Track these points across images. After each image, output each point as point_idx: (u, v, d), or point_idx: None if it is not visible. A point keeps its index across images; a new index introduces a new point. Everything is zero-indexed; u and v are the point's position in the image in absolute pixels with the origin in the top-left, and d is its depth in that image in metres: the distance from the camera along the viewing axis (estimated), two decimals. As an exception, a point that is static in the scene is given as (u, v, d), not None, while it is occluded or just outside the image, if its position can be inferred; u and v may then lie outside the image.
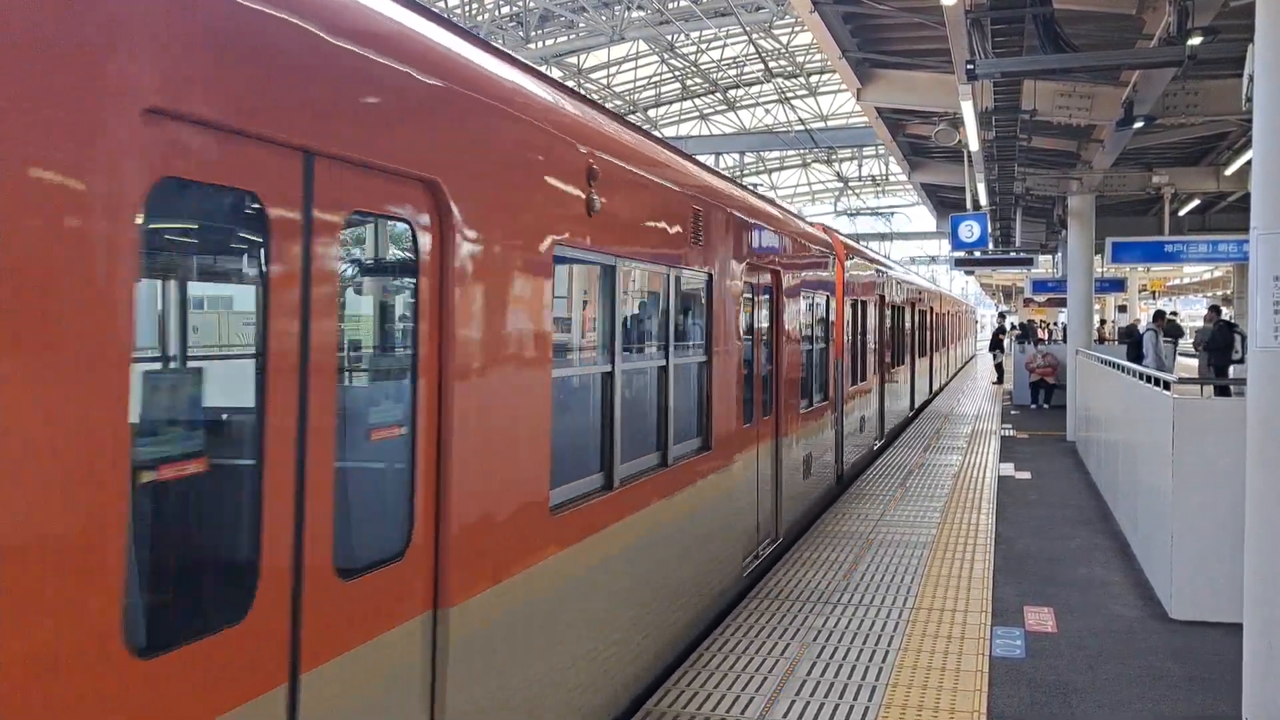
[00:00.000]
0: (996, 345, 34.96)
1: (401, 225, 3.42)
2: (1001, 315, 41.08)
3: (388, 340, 3.93)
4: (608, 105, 31.20)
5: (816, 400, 10.74)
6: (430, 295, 3.46)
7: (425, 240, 3.44)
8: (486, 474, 3.77)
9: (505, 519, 3.94)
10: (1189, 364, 23.98)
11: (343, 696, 2.99)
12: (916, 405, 21.96)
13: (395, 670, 3.26)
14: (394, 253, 3.66)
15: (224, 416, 3.15)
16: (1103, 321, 29.32)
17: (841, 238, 13.35)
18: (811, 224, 11.57)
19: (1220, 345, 18.36)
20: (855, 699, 5.65)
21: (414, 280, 3.43)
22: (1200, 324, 21.86)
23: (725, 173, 10.88)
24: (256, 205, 2.71)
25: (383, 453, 3.48)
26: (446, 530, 3.51)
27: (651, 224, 5.65)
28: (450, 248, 3.52)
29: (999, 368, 33.51)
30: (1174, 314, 36.35)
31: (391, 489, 3.43)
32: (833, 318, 11.71)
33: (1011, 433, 18.77)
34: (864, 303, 14.27)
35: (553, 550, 4.34)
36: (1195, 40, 8.00)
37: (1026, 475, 13.75)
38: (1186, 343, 27.99)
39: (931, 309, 25.72)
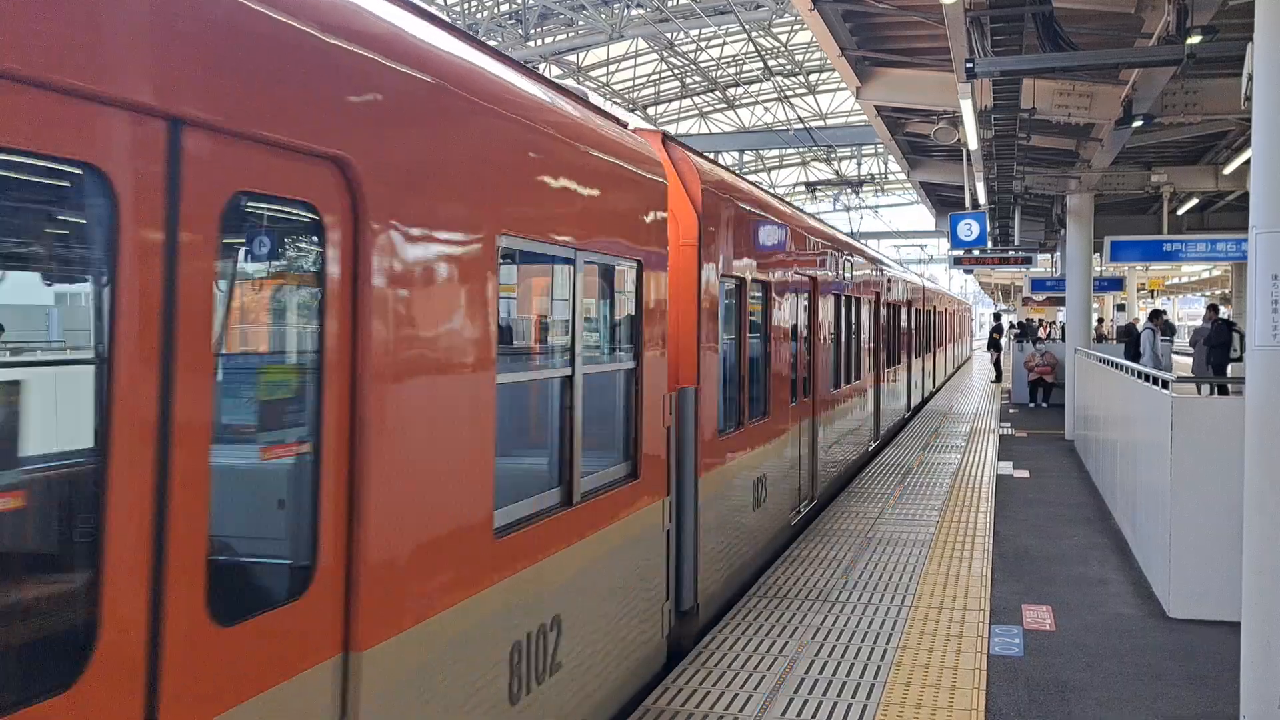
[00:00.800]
0: (994, 344, 35.04)
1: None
2: (997, 315, 41.02)
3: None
4: (607, 104, 31.18)
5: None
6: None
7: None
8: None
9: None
10: (1183, 361, 24.03)
11: None
12: (880, 438, 16.45)
13: None
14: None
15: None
16: (1100, 320, 29.29)
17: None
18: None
19: (1218, 344, 18.37)
20: (854, 697, 5.65)
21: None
22: (1199, 323, 21.85)
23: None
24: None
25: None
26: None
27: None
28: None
29: (997, 365, 33.56)
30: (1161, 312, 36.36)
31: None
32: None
33: (1010, 431, 18.77)
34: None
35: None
36: (1195, 39, 8.00)
37: (1025, 474, 13.76)
38: (1181, 341, 28.03)
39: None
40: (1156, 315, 20.11)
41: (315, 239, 2.94)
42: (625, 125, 5.79)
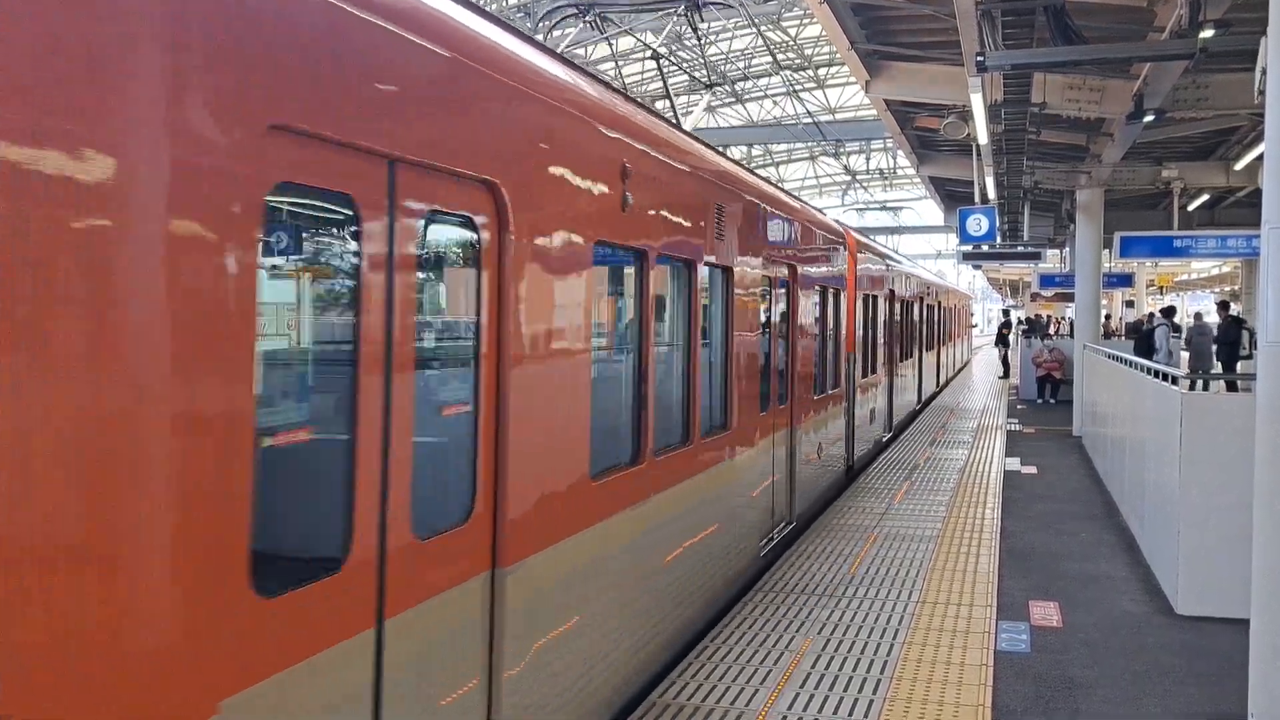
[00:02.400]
0: (1002, 340, 34.96)
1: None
2: (1006, 311, 40.91)
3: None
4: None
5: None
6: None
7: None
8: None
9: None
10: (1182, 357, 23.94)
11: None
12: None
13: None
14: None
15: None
16: (1107, 317, 29.10)
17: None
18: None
19: (1228, 341, 18.32)
20: (860, 692, 5.64)
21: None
22: (1192, 320, 21.76)
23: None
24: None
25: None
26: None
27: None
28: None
29: (1005, 361, 33.46)
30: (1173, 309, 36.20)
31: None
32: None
33: (1018, 427, 18.73)
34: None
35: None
36: (1207, 33, 7.95)
37: (1033, 470, 13.72)
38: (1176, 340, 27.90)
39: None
40: (1170, 312, 20.06)
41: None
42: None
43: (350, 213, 3.08)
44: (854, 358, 12.46)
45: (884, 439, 15.70)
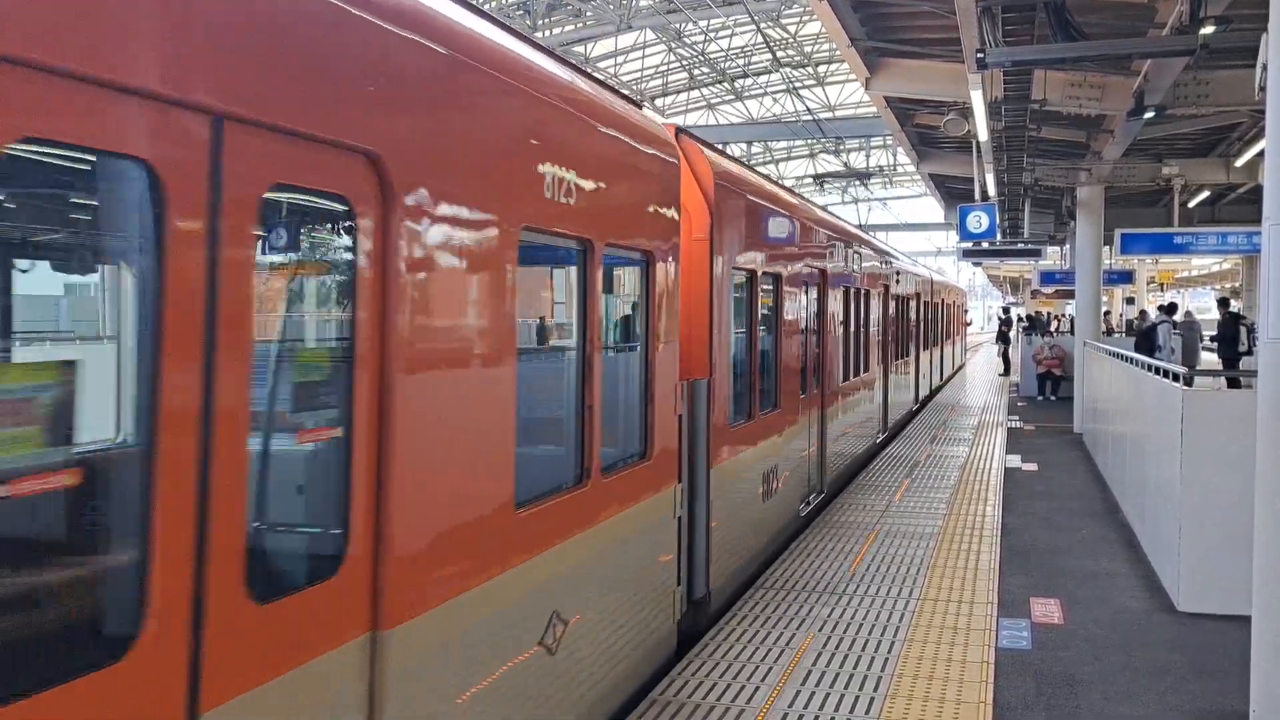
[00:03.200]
0: (1002, 337, 34.99)
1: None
2: (1005, 309, 40.88)
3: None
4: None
5: None
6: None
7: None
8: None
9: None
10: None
11: None
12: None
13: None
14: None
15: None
16: (1107, 313, 28.99)
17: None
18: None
19: (1227, 338, 18.32)
20: (861, 689, 5.64)
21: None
22: (1183, 317, 21.71)
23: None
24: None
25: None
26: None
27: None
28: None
29: (1005, 358, 33.45)
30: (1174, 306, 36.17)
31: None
32: None
33: (1018, 424, 18.73)
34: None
35: None
36: (1208, 29, 7.94)
37: (1033, 467, 13.72)
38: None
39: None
40: (1171, 309, 20.06)
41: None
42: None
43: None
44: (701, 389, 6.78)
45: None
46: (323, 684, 2.85)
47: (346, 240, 3.08)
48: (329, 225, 3.29)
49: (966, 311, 47.14)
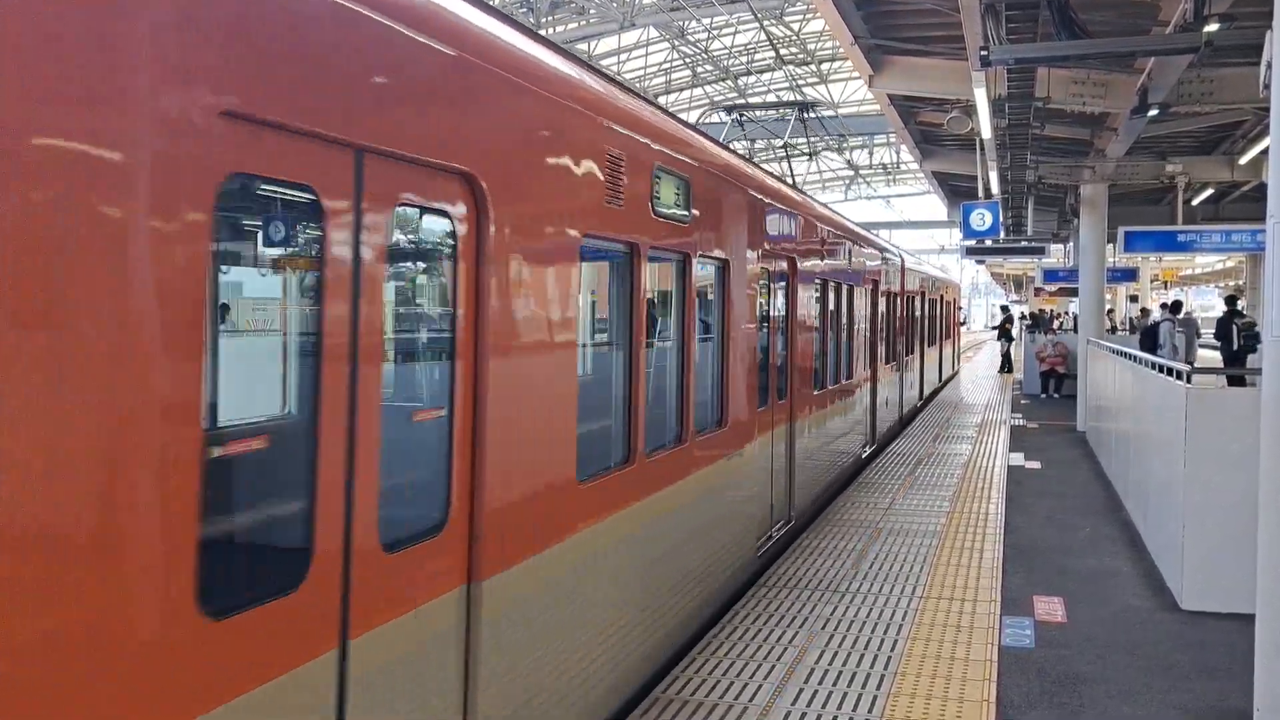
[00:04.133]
0: (1004, 334, 34.97)
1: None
2: (1004, 308, 40.76)
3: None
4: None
5: None
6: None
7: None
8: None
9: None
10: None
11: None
12: None
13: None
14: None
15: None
16: (1110, 310, 28.84)
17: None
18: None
19: (1222, 335, 18.29)
20: (864, 688, 5.64)
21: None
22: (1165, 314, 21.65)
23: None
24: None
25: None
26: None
27: None
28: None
29: (1006, 356, 33.37)
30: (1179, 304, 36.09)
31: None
32: None
33: (1021, 422, 18.71)
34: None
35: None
36: (1212, 27, 7.93)
37: (1036, 465, 13.71)
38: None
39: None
40: (1176, 307, 20.04)
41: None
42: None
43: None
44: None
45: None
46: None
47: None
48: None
49: (962, 309, 43.68)
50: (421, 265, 4.05)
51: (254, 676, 2.64)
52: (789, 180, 10.25)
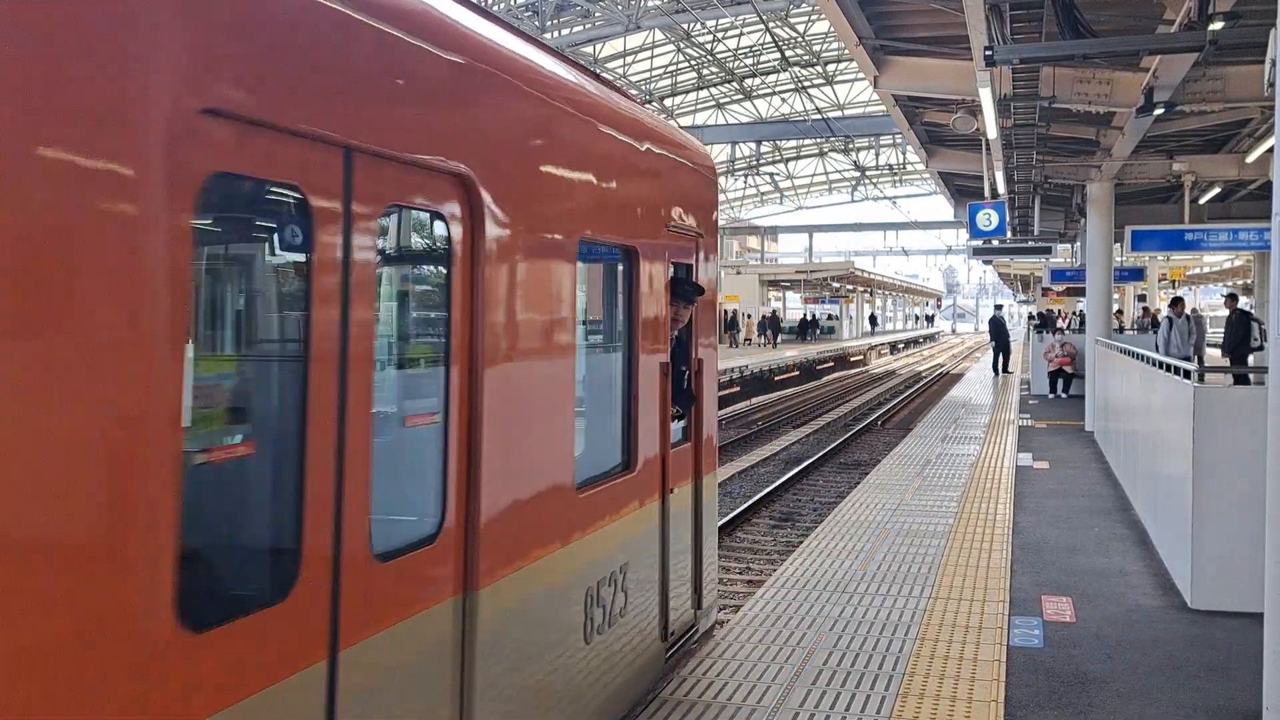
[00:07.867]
0: (996, 336, 32.82)
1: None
2: (998, 306, 40.07)
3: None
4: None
5: None
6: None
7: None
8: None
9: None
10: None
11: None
12: None
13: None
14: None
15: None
16: (1119, 311, 28.33)
17: None
18: None
19: (1243, 335, 18.22)
20: (872, 688, 5.64)
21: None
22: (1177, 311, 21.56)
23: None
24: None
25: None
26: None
27: None
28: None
29: (999, 357, 30.71)
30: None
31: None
32: None
33: (1029, 422, 18.68)
34: None
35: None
36: (1217, 25, 7.91)
37: (1045, 465, 13.69)
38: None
39: None
40: (1177, 303, 20.00)
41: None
42: None
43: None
44: None
45: None
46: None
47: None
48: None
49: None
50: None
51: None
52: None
